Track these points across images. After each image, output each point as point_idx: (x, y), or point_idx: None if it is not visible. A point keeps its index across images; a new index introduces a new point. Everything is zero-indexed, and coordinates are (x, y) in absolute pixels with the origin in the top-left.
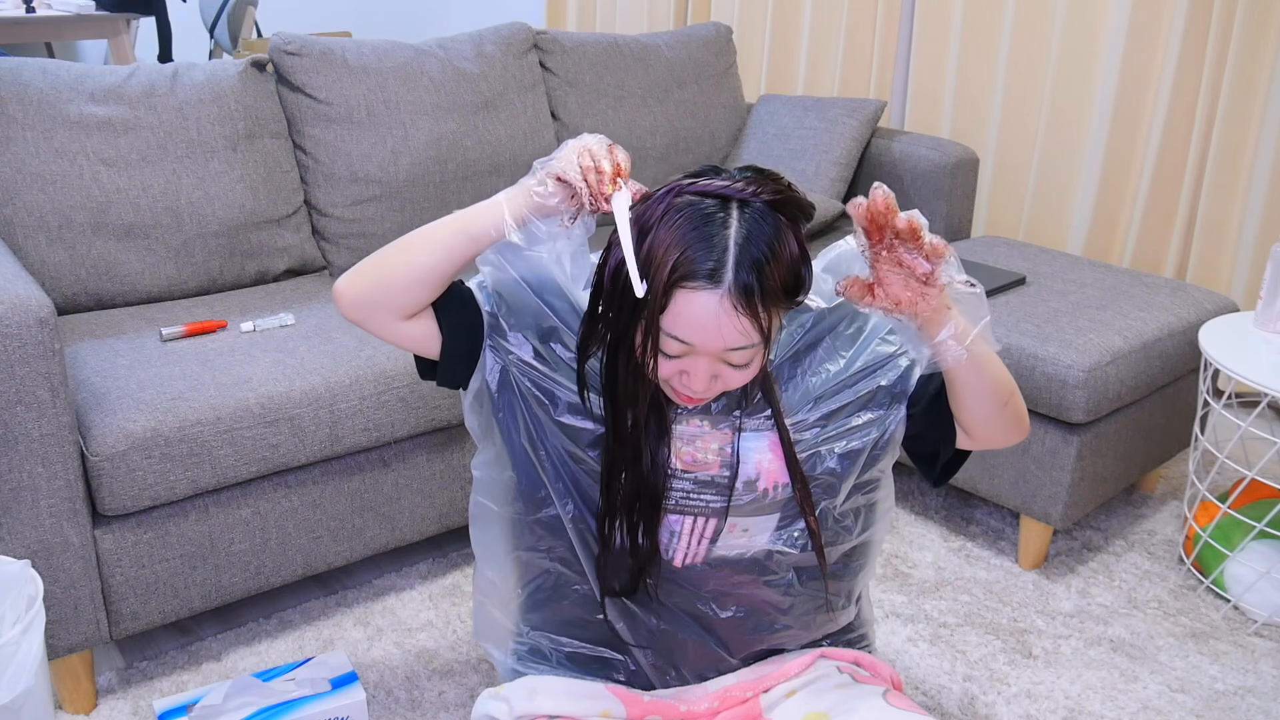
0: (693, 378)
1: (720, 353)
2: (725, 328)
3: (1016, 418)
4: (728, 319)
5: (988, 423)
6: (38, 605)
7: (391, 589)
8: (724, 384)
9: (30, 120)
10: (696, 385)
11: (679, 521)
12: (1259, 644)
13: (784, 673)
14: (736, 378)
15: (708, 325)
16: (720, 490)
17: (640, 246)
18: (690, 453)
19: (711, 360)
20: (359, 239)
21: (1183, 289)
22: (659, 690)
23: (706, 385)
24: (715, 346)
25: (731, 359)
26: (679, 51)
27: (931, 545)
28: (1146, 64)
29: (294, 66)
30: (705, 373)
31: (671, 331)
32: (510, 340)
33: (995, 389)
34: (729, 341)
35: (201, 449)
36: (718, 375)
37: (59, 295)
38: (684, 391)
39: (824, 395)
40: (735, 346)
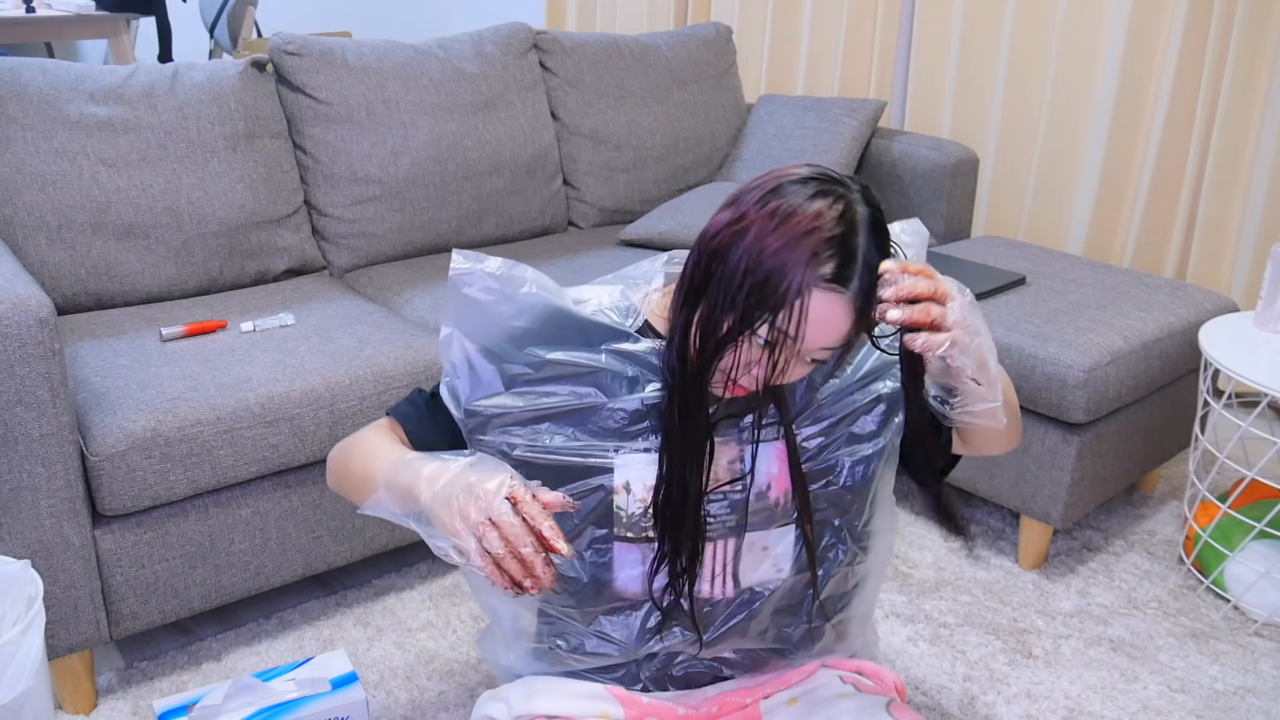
0: (762, 369)
1: (812, 351)
2: (835, 329)
3: (1012, 432)
4: (842, 322)
5: (986, 440)
6: (38, 605)
7: (391, 589)
8: (783, 380)
9: (30, 120)
10: (765, 376)
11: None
12: (1259, 644)
13: (785, 680)
14: (799, 372)
15: (825, 326)
16: (734, 506)
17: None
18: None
19: (795, 358)
20: (359, 239)
21: (1183, 289)
22: (658, 692)
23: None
24: (814, 347)
25: (819, 357)
26: (679, 51)
27: (931, 545)
28: (1146, 64)
29: (294, 66)
30: (780, 369)
31: (779, 324)
32: (490, 435)
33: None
34: (829, 340)
35: (201, 449)
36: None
37: (59, 295)
38: (745, 385)
39: (828, 402)
40: (829, 347)
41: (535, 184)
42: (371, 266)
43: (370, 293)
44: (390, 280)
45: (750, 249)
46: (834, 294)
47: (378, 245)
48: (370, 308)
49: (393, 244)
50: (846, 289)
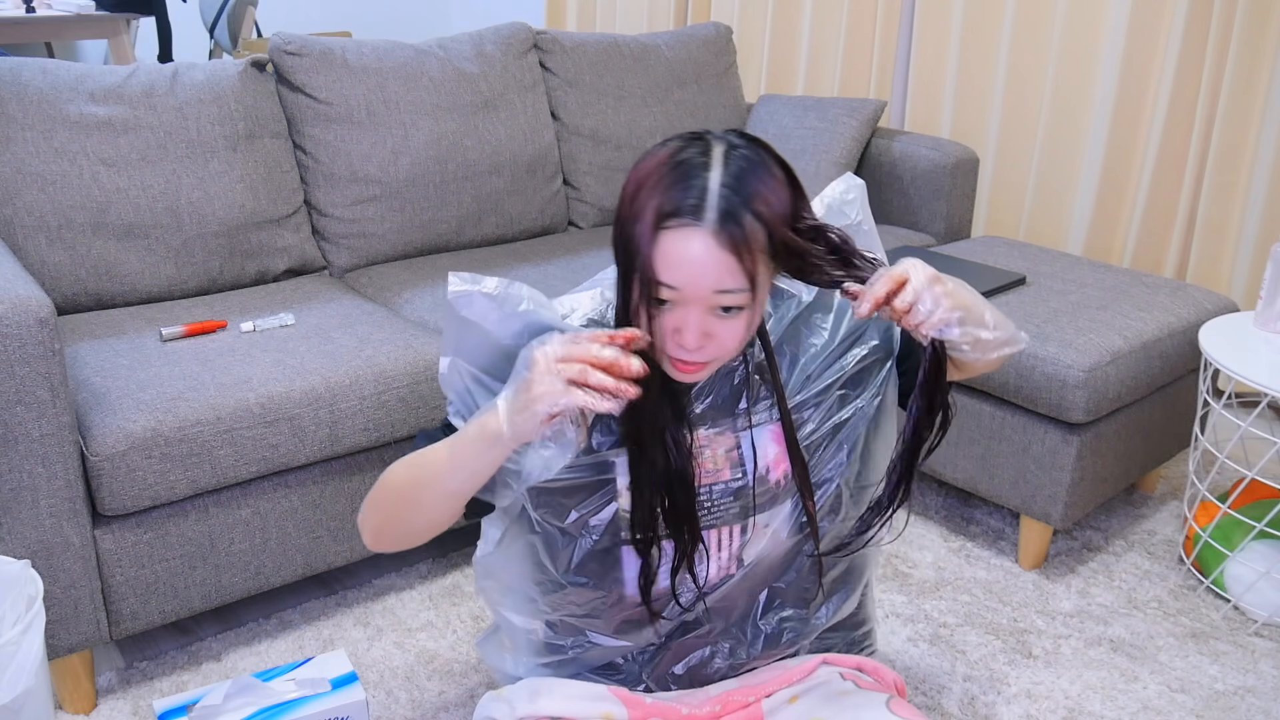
0: (684, 333)
1: (709, 296)
2: (709, 266)
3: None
4: (712, 256)
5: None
6: (38, 605)
7: (391, 589)
8: (718, 345)
9: (30, 120)
10: (689, 339)
11: (707, 536)
12: (1259, 644)
13: (786, 678)
14: (730, 333)
15: (693, 263)
16: (738, 494)
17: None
18: (701, 463)
19: (702, 311)
20: (359, 239)
21: (1183, 289)
22: (660, 693)
23: (698, 341)
24: (701, 289)
25: (721, 302)
26: (679, 51)
27: (931, 545)
28: (1146, 64)
29: (294, 66)
30: (696, 326)
31: (660, 278)
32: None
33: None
34: (714, 281)
35: (201, 449)
36: (710, 332)
37: (59, 295)
38: (678, 355)
39: (815, 372)
40: (723, 288)
41: (535, 184)
42: (371, 266)
43: (370, 293)
44: (390, 280)
45: (620, 213)
46: (685, 228)
47: (378, 245)
48: (370, 308)
49: (393, 244)
50: (698, 220)
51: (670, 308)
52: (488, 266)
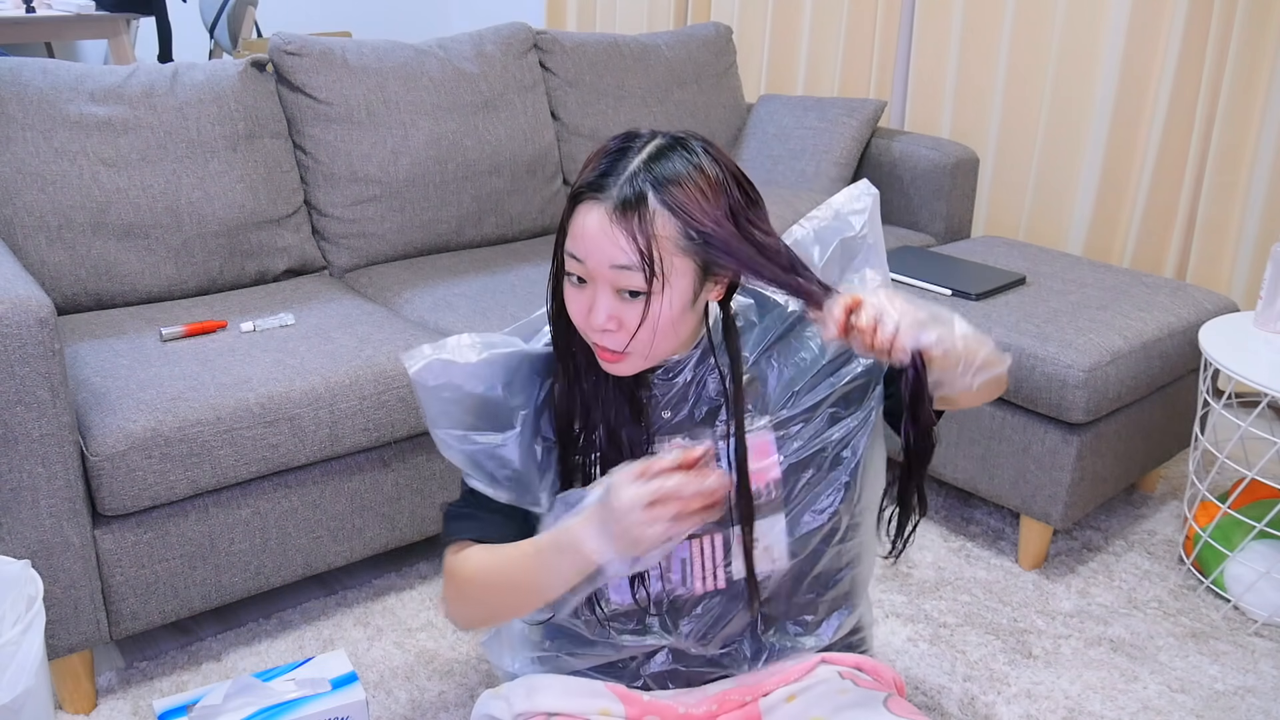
0: (593, 313)
1: (609, 275)
2: (605, 241)
3: (995, 383)
4: (606, 231)
5: (969, 399)
6: (38, 605)
7: (391, 589)
8: (628, 333)
9: (30, 120)
10: (596, 320)
11: (685, 548)
12: (1259, 644)
13: (784, 677)
14: (633, 318)
15: (589, 237)
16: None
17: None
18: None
19: (606, 291)
20: (359, 239)
21: (1183, 289)
22: (658, 690)
23: (604, 321)
24: (601, 264)
25: (620, 282)
26: (679, 51)
27: (931, 545)
28: (1146, 64)
29: (294, 66)
30: (603, 306)
31: (569, 249)
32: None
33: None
34: (610, 256)
35: (201, 449)
36: (619, 317)
37: (59, 295)
38: (590, 337)
39: (803, 388)
40: (618, 264)
41: (535, 184)
42: (371, 266)
43: (370, 293)
44: (390, 280)
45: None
46: (589, 203)
47: (378, 245)
48: (370, 308)
49: (393, 244)
50: (602, 196)
51: (584, 288)
52: (488, 266)
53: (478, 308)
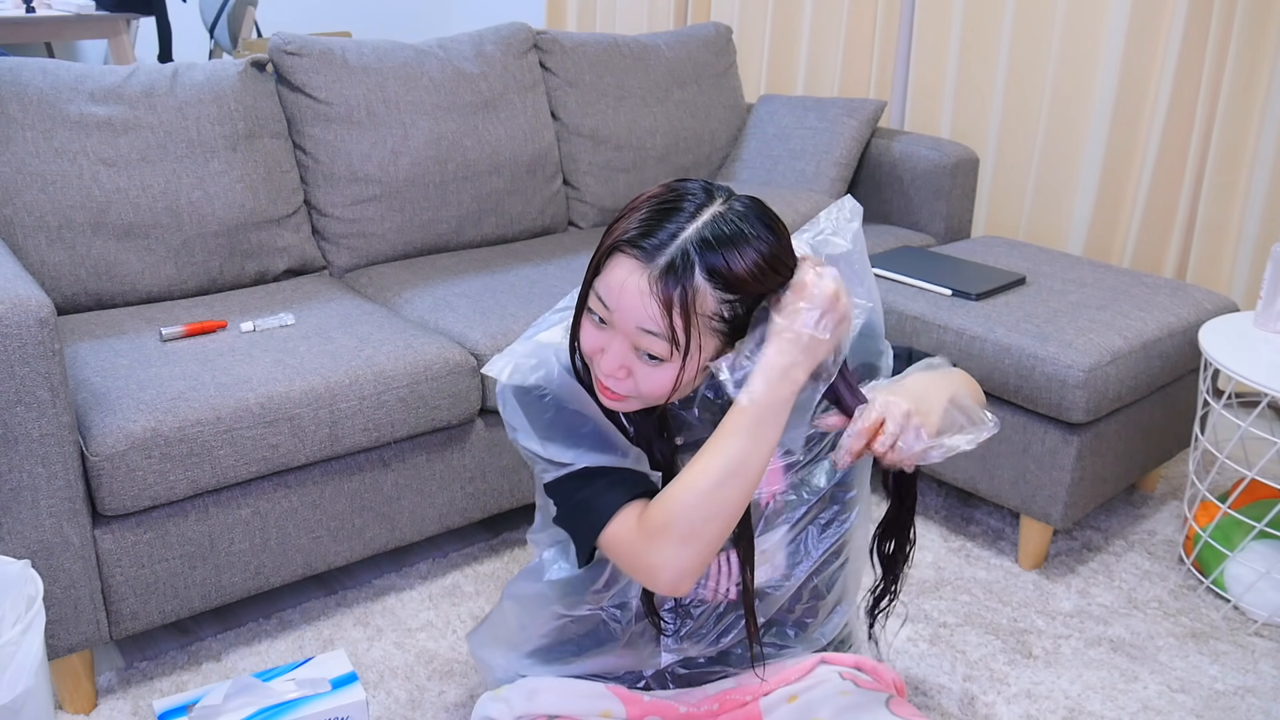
0: (605, 356)
1: (632, 333)
2: (638, 303)
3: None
4: (642, 296)
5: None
6: (38, 605)
7: (391, 589)
8: (635, 383)
9: (30, 120)
10: (606, 364)
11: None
12: (1259, 644)
13: (783, 677)
14: (647, 379)
15: (624, 294)
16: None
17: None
18: None
19: (625, 344)
20: (359, 239)
21: (1183, 289)
22: (658, 691)
23: (614, 368)
24: (628, 322)
25: (642, 344)
26: (679, 51)
27: (931, 545)
28: (1146, 64)
29: (294, 66)
30: (617, 356)
31: (597, 289)
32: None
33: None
34: (639, 319)
35: (201, 449)
36: (630, 368)
37: (59, 295)
38: (600, 376)
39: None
40: (645, 328)
41: (535, 184)
42: (371, 266)
43: (370, 293)
44: (390, 280)
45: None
46: (631, 259)
47: (378, 245)
48: (370, 308)
49: (393, 244)
50: (644, 258)
51: (603, 328)
52: (488, 266)
53: (478, 308)
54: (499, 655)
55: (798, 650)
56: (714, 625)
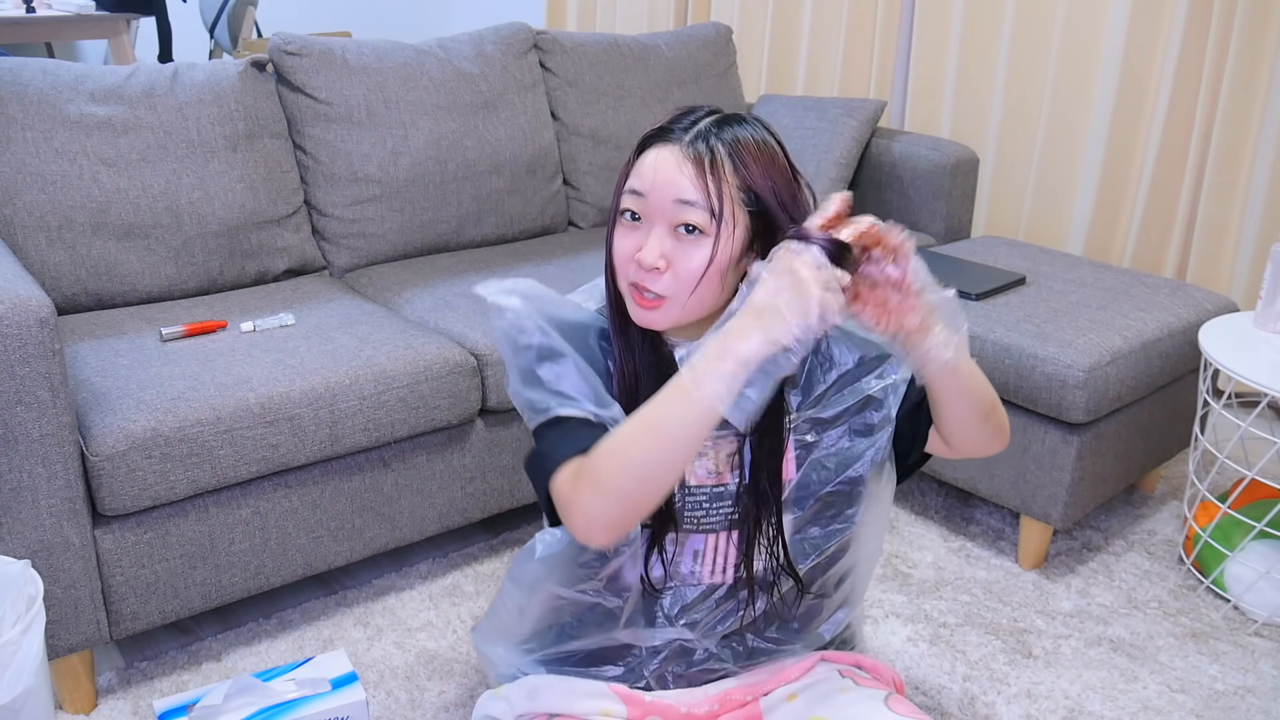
0: (644, 251)
1: (669, 209)
2: (673, 173)
3: (997, 429)
4: (678, 163)
5: (968, 434)
6: (38, 605)
7: (391, 589)
8: (674, 276)
9: (30, 120)
10: (647, 256)
11: (702, 540)
12: (1259, 644)
13: (783, 676)
14: (686, 260)
15: (658, 170)
16: (735, 500)
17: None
18: (704, 465)
19: (664, 229)
20: (359, 239)
21: (1183, 289)
22: (659, 691)
23: (654, 258)
24: (664, 198)
25: (680, 217)
26: (679, 51)
27: (931, 545)
28: (1146, 64)
29: (294, 66)
30: (655, 244)
31: (629, 186)
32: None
33: (977, 400)
34: (675, 190)
35: (201, 449)
36: (668, 256)
37: (59, 295)
38: (636, 279)
39: (830, 393)
40: (682, 198)
41: (535, 184)
42: (371, 266)
43: (370, 293)
44: (390, 280)
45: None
46: (662, 144)
47: (378, 245)
48: (370, 308)
49: (393, 244)
50: (672, 138)
51: (637, 226)
52: (488, 266)
53: (478, 308)
54: (500, 648)
55: (798, 649)
56: (713, 609)
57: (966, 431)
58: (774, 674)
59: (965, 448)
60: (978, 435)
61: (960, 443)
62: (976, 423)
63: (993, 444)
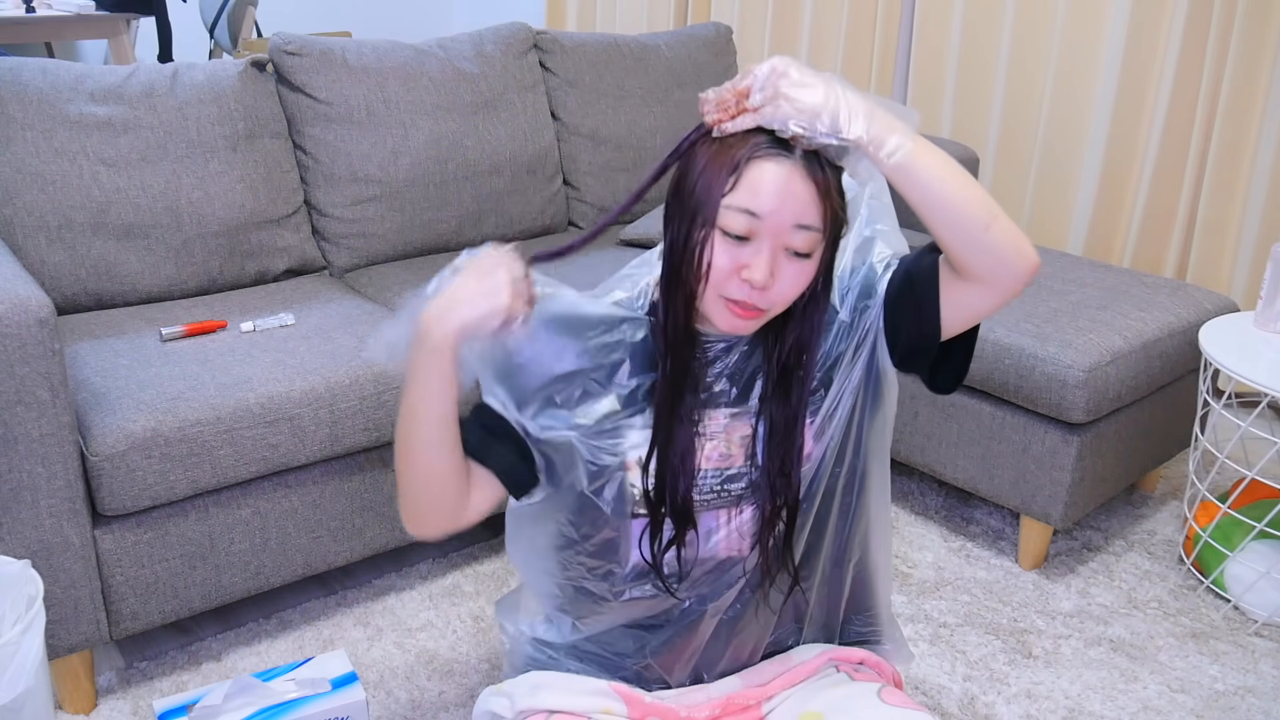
0: (754, 268)
1: (786, 229)
2: (795, 194)
3: (1009, 241)
4: (798, 186)
5: (972, 247)
6: (38, 605)
7: (391, 589)
8: (778, 290)
9: (30, 120)
10: (758, 275)
11: (715, 516)
12: (1259, 644)
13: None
14: (793, 279)
15: (778, 191)
16: (749, 483)
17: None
18: (715, 447)
19: (775, 247)
20: (359, 239)
21: (1183, 289)
22: (661, 691)
23: (766, 277)
24: (782, 221)
25: (795, 242)
26: (679, 51)
27: (931, 545)
28: (1146, 64)
29: (294, 66)
30: (766, 262)
31: (740, 204)
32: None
33: (957, 197)
34: (797, 213)
35: (201, 449)
36: (777, 274)
37: (59, 295)
38: (740, 296)
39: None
40: (802, 223)
41: (535, 184)
42: (371, 266)
43: (370, 293)
44: (390, 280)
45: (702, 154)
46: (777, 158)
47: (378, 245)
48: (370, 308)
49: (393, 244)
50: (790, 153)
51: (740, 245)
52: None
53: None
54: (510, 624)
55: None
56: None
57: (969, 245)
58: (780, 675)
59: (979, 270)
60: (984, 246)
61: (969, 263)
62: (975, 230)
63: (1011, 259)
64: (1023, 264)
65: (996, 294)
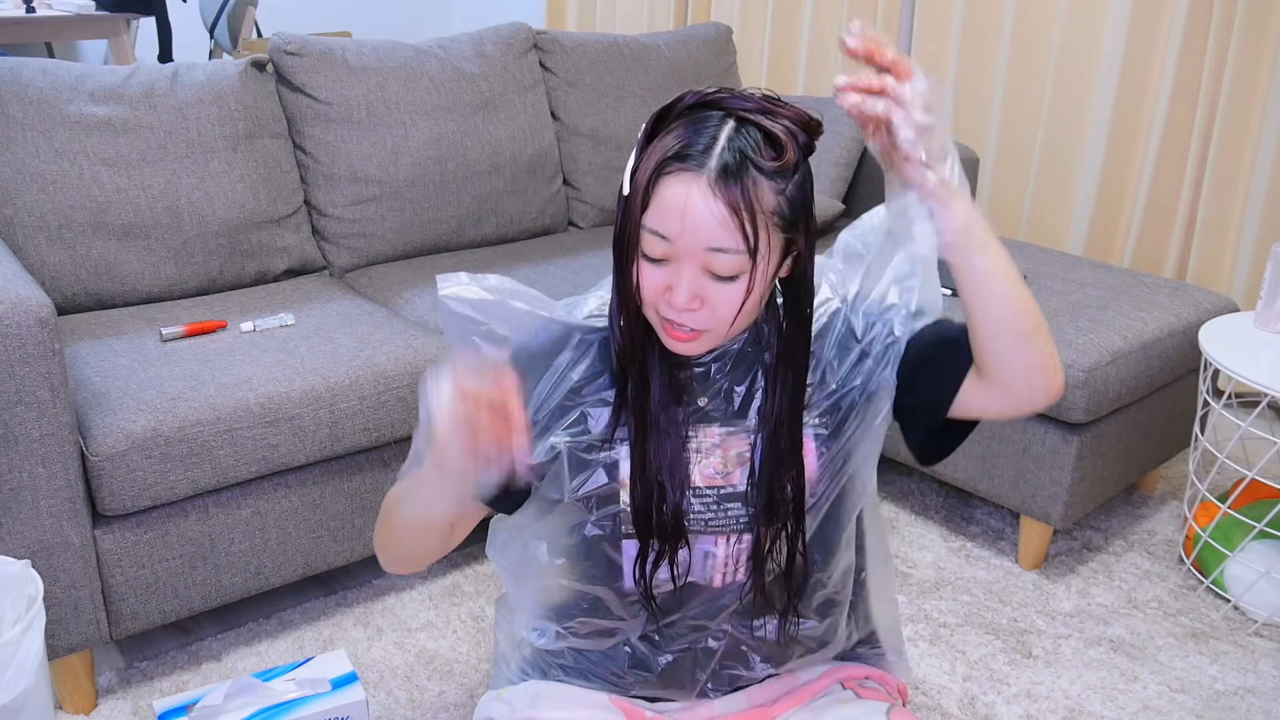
0: (675, 291)
1: (702, 253)
2: (704, 216)
3: (1043, 358)
4: (706, 205)
5: (1006, 352)
6: (38, 605)
7: (391, 589)
8: (711, 312)
9: (30, 120)
10: (680, 298)
11: (712, 541)
12: (1259, 644)
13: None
14: (724, 300)
15: (686, 212)
16: (746, 501)
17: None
18: (711, 464)
19: (695, 269)
20: (359, 239)
21: (1183, 289)
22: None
23: (688, 300)
24: (694, 243)
25: (715, 265)
26: (679, 51)
27: (931, 545)
28: (1146, 64)
29: (294, 66)
30: (688, 286)
31: (651, 225)
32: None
33: (1003, 304)
34: (709, 236)
35: (201, 449)
36: (703, 296)
37: (59, 295)
38: (667, 315)
39: (838, 387)
40: (716, 245)
41: (535, 184)
42: (371, 266)
43: (370, 293)
44: (390, 280)
45: (636, 165)
46: (686, 173)
47: (378, 245)
48: (370, 308)
49: (393, 244)
50: (700, 167)
51: (663, 265)
52: (488, 266)
53: None
54: (506, 623)
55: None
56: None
57: (1003, 351)
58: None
59: (1003, 376)
60: (1018, 361)
61: (996, 366)
62: (1014, 342)
63: (1038, 379)
64: (1047, 386)
65: (1011, 405)
